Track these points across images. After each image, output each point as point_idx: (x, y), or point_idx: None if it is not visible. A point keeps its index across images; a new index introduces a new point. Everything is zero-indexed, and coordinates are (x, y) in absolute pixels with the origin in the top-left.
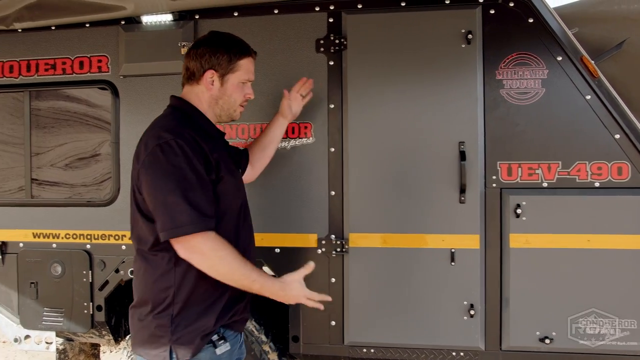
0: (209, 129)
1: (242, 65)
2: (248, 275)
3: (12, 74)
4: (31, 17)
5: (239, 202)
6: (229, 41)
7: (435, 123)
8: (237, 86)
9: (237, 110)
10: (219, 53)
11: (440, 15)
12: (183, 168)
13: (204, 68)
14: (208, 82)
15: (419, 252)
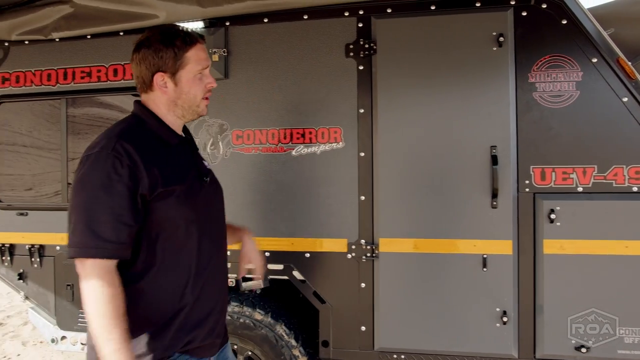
0: (166, 137)
1: (190, 57)
2: (109, 331)
3: (49, 81)
4: (68, 27)
5: (193, 215)
6: (168, 35)
7: (467, 127)
8: (194, 80)
9: (200, 104)
10: (161, 51)
11: (471, 18)
12: (99, 183)
13: (151, 72)
14: (160, 85)
15: (450, 258)
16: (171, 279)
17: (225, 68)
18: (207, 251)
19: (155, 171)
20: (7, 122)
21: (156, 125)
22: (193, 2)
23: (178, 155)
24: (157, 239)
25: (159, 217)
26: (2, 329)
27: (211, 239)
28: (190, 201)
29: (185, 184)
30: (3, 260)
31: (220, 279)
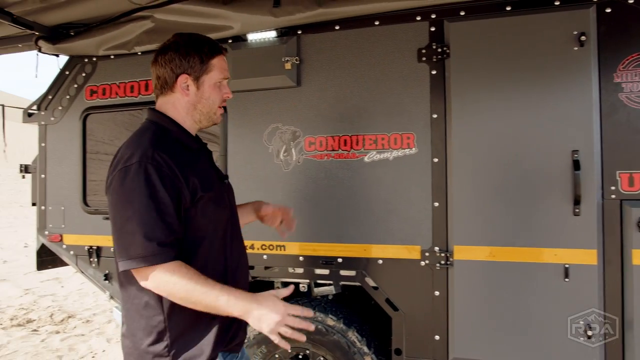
0: (187, 142)
1: (215, 64)
2: (209, 293)
3: (132, 93)
4: (149, 41)
5: (223, 217)
6: (197, 41)
7: (546, 131)
8: (214, 87)
9: (217, 112)
10: (189, 55)
11: (549, 18)
12: (144, 195)
13: (176, 73)
14: (182, 87)
15: (529, 267)
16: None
17: (297, 76)
18: (235, 249)
19: (192, 178)
20: (92, 131)
21: (178, 132)
22: (266, 12)
23: (201, 161)
24: (197, 243)
25: (199, 222)
26: (89, 325)
27: (235, 238)
28: (219, 203)
29: (212, 188)
30: (91, 261)
31: (245, 273)
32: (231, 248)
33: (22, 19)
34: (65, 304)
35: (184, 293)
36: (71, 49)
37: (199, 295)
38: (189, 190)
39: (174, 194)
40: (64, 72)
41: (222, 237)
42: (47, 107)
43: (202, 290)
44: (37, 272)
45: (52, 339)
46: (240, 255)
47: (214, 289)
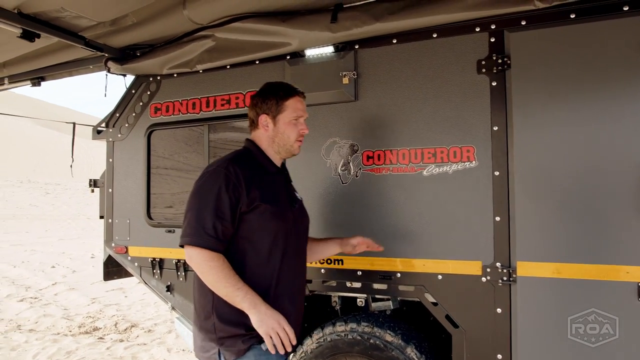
0: (266, 165)
1: (288, 105)
2: (232, 285)
3: (194, 110)
4: (210, 59)
5: (280, 231)
6: (275, 87)
7: (615, 143)
8: (289, 124)
9: (294, 145)
10: (267, 99)
11: (617, 25)
12: (211, 192)
13: (259, 114)
14: (263, 125)
15: (598, 285)
16: (257, 282)
17: (355, 90)
18: (289, 261)
19: (254, 189)
20: (154, 147)
21: (259, 156)
22: (324, 28)
23: (274, 181)
24: (249, 245)
25: (253, 227)
26: (151, 335)
27: (293, 252)
28: (279, 218)
29: (276, 203)
30: (154, 273)
31: (301, 289)
32: (285, 264)
33: (94, 42)
34: (129, 313)
35: (213, 279)
36: (137, 68)
37: (224, 284)
38: (248, 198)
39: (234, 198)
40: (130, 91)
41: (274, 248)
42: (115, 125)
43: (228, 282)
44: (103, 282)
45: (116, 347)
46: (294, 275)
47: (237, 284)
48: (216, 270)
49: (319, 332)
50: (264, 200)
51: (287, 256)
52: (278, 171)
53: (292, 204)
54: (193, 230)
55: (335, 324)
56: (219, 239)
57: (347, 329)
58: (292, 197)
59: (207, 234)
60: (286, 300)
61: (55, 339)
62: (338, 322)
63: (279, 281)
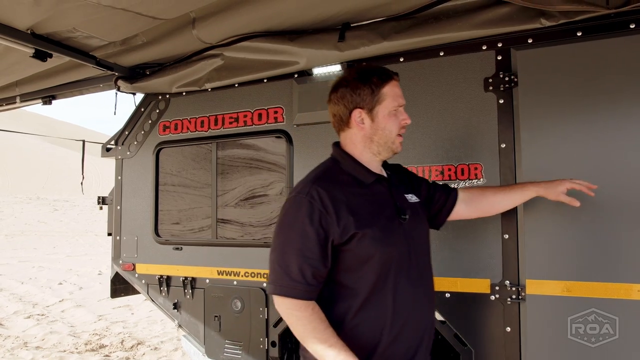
0: (360, 177)
1: (386, 92)
2: (324, 340)
3: (202, 127)
4: (219, 78)
5: (387, 256)
6: (365, 73)
7: (624, 160)
8: (390, 116)
9: (395, 141)
10: (358, 88)
11: (624, 42)
12: (293, 228)
13: (349, 109)
14: (357, 122)
15: (609, 303)
16: (368, 318)
17: None
18: (405, 290)
19: (347, 215)
20: (162, 164)
21: (351, 166)
22: (331, 47)
23: (373, 195)
24: (353, 280)
25: (351, 261)
26: (157, 353)
27: (410, 278)
28: (385, 242)
29: (377, 224)
30: (161, 290)
31: (422, 317)
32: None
33: (104, 62)
34: (135, 330)
35: (301, 331)
36: (147, 87)
37: (312, 339)
38: (340, 227)
39: (322, 231)
40: (139, 109)
41: (381, 283)
42: (124, 142)
43: (317, 336)
44: (110, 299)
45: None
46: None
47: (328, 340)
48: (304, 322)
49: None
50: (360, 227)
51: (402, 285)
52: (379, 179)
53: (402, 215)
54: (277, 277)
55: None
56: (308, 283)
57: None
58: (402, 207)
59: (293, 280)
60: (409, 340)
61: (62, 356)
62: None
63: (393, 323)
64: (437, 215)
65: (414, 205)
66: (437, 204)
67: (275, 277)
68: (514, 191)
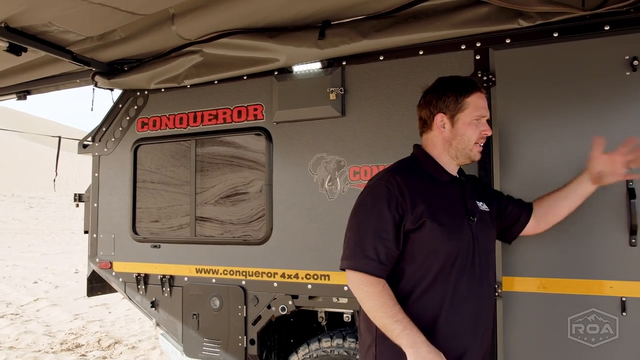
0: (437, 174)
1: (470, 102)
2: (392, 315)
3: (181, 124)
4: (198, 74)
5: (452, 250)
6: (453, 82)
7: None
8: (470, 124)
9: (473, 149)
10: (444, 96)
11: (599, 43)
12: (371, 210)
13: (433, 113)
14: (439, 125)
15: (583, 300)
16: (425, 306)
17: (342, 106)
18: (465, 287)
19: (421, 204)
20: (141, 161)
21: (430, 164)
22: (311, 44)
23: (446, 193)
24: (417, 266)
25: (420, 247)
26: (134, 352)
27: (472, 276)
28: (452, 236)
29: (447, 219)
30: (138, 289)
31: (481, 320)
32: (460, 291)
33: (81, 57)
34: (113, 329)
35: (371, 306)
36: (125, 83)
37: (381, 314)
38: (413, 214)
39: (397, 215)
40: (117, 105)
41: (444, 272)
42: (101, 139)
43: (386, 312)
44: (86, 298)
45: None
46: (474, 304)
47: (395, 315)
48: (374, 297)
49: (304, 348)
50: (431, 216)
51: (462, 281)
52: (453, 180)
53: (470, 217)
54: (351, 252)
55: (321, 340)
56: (380, 262)
57: (333, 344)
58: (472, 210)
59: (367, 257)
60: (461, 336)
61: (36, 356)
62: (324, 338)
63: (452, 312)
64: (509, 229)
65: (483, 212)
66: (510, 218)
67: (350, 253)
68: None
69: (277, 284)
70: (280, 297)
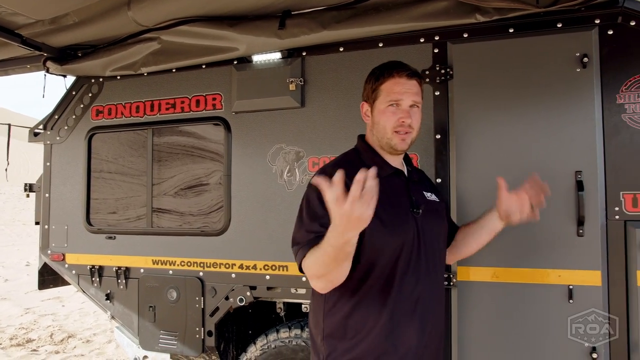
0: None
1: (383, 89)
2: (322, 249)
3: (138, 113)
4: (155, 62)
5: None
6: (377, 68)
7: (549, 152)
8: (384, 112)
9: (393, 138)
10: (366, 82)
11: (552, 40)
12: (309, 203)
13: (361, 102)
14: (365, 114)
15: (532, 288)
16: (370, 304)
17: (301, 97)
18: (410, 282)
19: None
20: (96, 150)
21: (370, 158)
22: (271, 34)
23: (389, 186)
24: (361, 265)
25: (362, 244)
26: (89, 345)
27: (417, 270)
28: (394, 232)
29: (388, 214)
30: (93, 281)
31: (428, 314)
32: (404, 280)
33: (32, 41)
34: (66, 323)
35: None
36: (78, 69)
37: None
38: None
39: None
40: (70, 93)
41: (388, 265)
42: (53, 127)
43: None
44: (38, 291)
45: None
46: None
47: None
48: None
49: (263, 339)
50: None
51: (407, 276)
52: (395, 173)
53: (414, 209)
54: (294, 251)
55: (279, 330)
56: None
57: (291, 335)
58: (417, 201)
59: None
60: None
61: None
62: (282, 329)
63: (397, 308)
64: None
65: (432, 202)
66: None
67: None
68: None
69: (235, 275)
70: (238, 288)
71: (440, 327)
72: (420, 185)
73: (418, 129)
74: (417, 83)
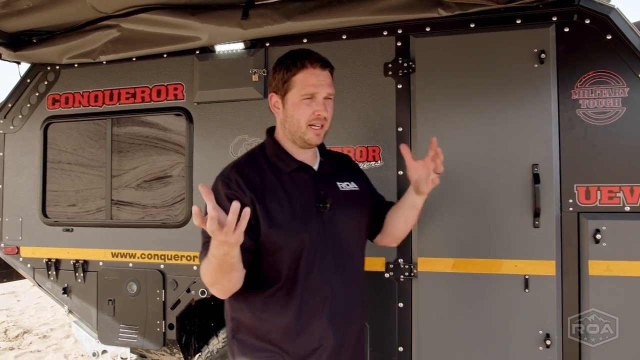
0: (280, 164)
1: (297, 80)
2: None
3: (96, 102)
4: (115, 50)
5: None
6: (286, 57)
7: (508, 145)
8: (298, 105)
9: (307, 132)
10: (275, 72)
11: (511, 36)
12: None
13: (269, 92)
14: (274, 106)
15: (490, 278)
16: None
17: (264, 88)
18: (316, 281)
19: (259, 201)
20: (54, 141)
21: (274, 154)
22: (234, 24)
23: (292, 183)
24: (264, 266)
25: (263, 246)
26: (46, 341)
27: (322, 268)
28: (293, 232)
29: (287, 214)
30: (49, 274)
31: (339, 312)
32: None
33: None
34: (21, 318)
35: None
36: (33, 56)
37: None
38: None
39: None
40: (25, 80)
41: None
42: (6, 116)
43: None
44: None
45: (5, 357)
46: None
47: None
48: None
49: (224, 331)
50: (268, 214)
51: (313, 276)
52: (301, 167)
53: (321, 204)
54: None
55: None
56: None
57: None
58: (324, 195)
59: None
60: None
61: None
62: None
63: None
64: (376, 220)
65: (347, 193)
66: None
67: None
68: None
69: (197, 267)
70: (200, 280)
71: (359, 324)
72: (333, 177)
73: (331, 121)
74: (329, 73)
